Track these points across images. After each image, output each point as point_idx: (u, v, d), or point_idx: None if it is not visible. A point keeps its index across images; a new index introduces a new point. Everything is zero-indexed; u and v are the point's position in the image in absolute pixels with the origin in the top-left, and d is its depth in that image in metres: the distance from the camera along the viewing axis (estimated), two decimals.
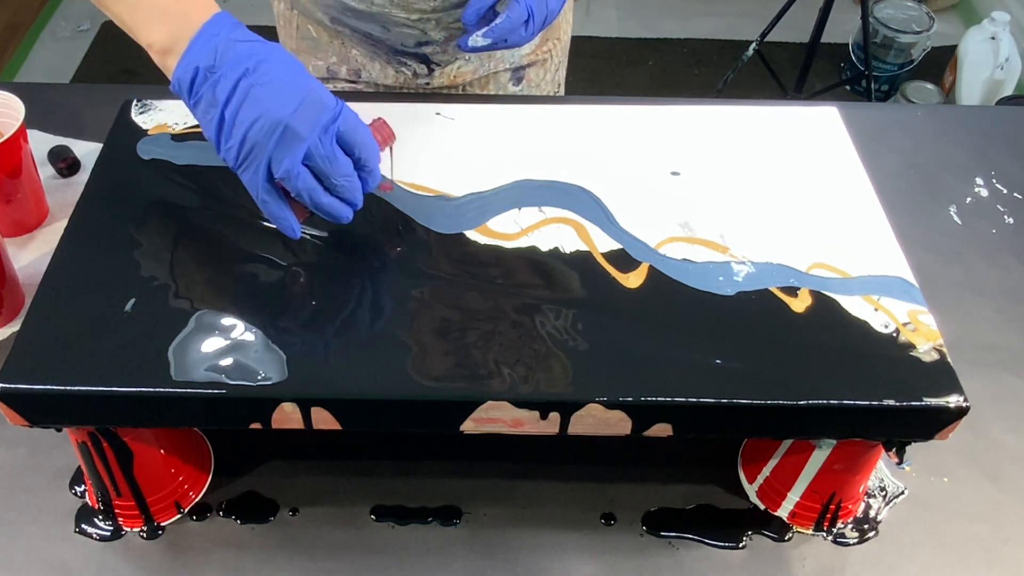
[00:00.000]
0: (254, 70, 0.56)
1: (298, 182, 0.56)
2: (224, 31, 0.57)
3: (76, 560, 0.64)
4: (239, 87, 0.55)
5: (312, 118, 0.56)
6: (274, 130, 0.55)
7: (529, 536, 0.66)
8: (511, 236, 0.64)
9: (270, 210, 0.59)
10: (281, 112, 0.55)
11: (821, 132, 0.74)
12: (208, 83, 0.56)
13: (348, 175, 0.58)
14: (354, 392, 0.55)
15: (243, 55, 0.56)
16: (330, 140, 0.57)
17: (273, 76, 0.56)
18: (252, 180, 0.57)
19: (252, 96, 0.55)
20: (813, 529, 0.67)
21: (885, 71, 2.38)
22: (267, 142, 0.55)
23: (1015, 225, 0.90)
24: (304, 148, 0.56)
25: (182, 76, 0.57)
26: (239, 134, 0.56)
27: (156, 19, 0.57)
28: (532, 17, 0.74)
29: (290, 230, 0.60)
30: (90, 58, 2.45)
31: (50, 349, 0.56)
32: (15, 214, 0.82)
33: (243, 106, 0.55)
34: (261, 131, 0.55)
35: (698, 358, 0.57)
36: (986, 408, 0.73)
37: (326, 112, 0.57)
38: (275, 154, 0.56)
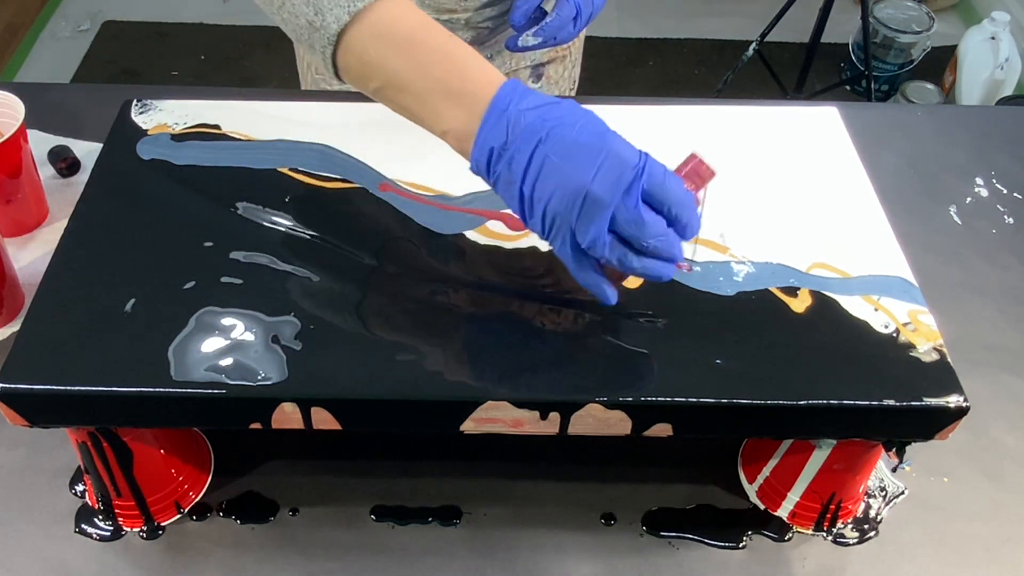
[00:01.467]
0: (547, 139, 0.52)
1: (605, 251, 0.53)
2: (513, 103, 0.53)
3: (76, 560, 0.64)
4: (533, 160, 0.52)
5: (613, 181, 0.51)
6: (575, 201, 0.52)
7: (529, 536, 0.66)
8: (511, 236, 0.64)
9: (581, 279, 0.56)
10: (580, 180, 0.51)
11: (821, 132, 0.74)
12: (503, 161, 0.53)
13: (660, 235, 0.53)
14: (354, 392, 0.55)
15: (535, 125, 0.53)
16: (635, 202, 0.52)
17: (567, 141, 0.52)
18: (561, 251, 0.54)
19: (547, 167, 0.52)
20: (813, 529, 0.67)
21: (885, 71, 2.38)
22: (569, 214, 0.52)
23: (1015, 225, 0.90)
24: (608, 215, 0.52)
25: (479, 159, 0.54)
26: (540, 209, 0.53)
27: (445, 106, 0.55)
28: (580, 14, 0.75)
29: (604, 297, 0.56)
30: (90, 58, 2.45)
31: (50, 349, 0.56)
32: (15, 214, 0.82)
33: (539, 179, 0.52)
34: (562, 203, 0.52)
35: (698, 358, 0.57)
36: (986, 408, 0.73)
37: (628, 171, 0.52)
38: (578, 225, 0.52)
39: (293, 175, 0.69)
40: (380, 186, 0.68)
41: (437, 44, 0.56)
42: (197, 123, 0.73)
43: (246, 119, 0.73)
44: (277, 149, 0.71)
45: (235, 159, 0.70)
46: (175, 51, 2.49)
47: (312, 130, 0.72)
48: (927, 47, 2.37)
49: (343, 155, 0.70)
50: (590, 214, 0.52)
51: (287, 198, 0.66)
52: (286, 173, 0.69)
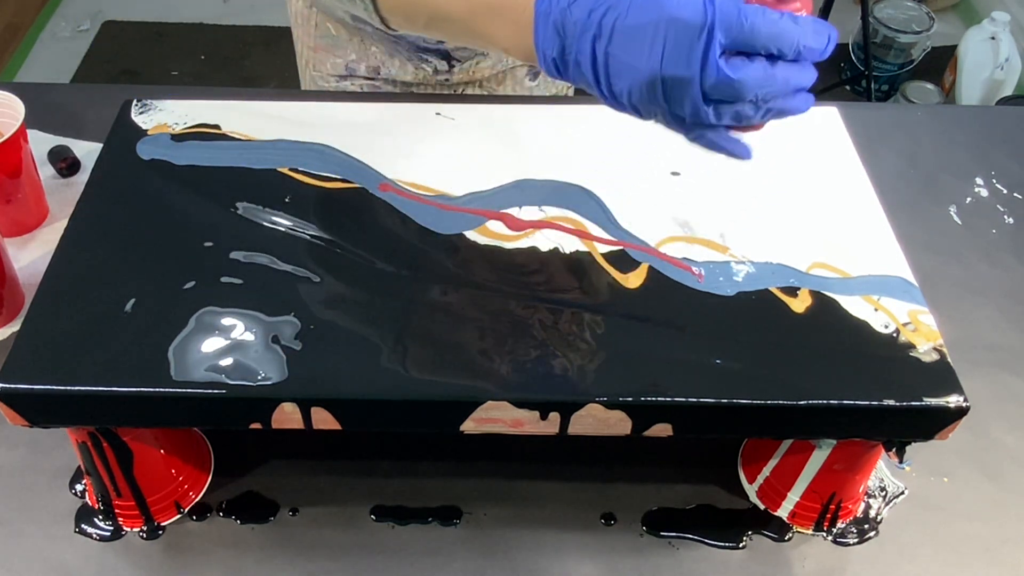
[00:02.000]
0: (601, 32, 0.49)
1: (712, 119, 0.49)
2: (555, 2, 0.51)
3: (76, 560, 0.64)
4: (597, 59, 0.50)
5: (685, 56, 0.47)
6: (654, 89, 0.49)
7: (529, 536, 0.66)
8: (511, 236, 0.64)
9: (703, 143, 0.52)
10: (650, 68, 0.48)
11: (821, 132, 0.74)
12: (570, 68, 0.52)
13: (763, 83, 0.48)
14: (354, 392, 0.55)
15: (583, 20, 0.50)
16: (715, 69, 0.47)
17: (622, 29, 0.49)
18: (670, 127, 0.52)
19: (613, 63, 0.50)
20: (813, 529, 0.67)
21: (885, 71, 2.38)
22: (655, 102, 0.49)
23: (1015, 225, 0.90)
24: (696, 90, 0.48)
25: (548, 70, 0.52)
26: (626, 101, 0.51)
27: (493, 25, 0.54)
28: None
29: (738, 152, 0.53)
30: (90, 58, 2.45)
31: (50, 349, 0.56)
32: (15, 214, 0.82)
33: (611, 76, 0.50)
34: (642, 95, 0.49)
35: (698, 358, 0.57)
36: (986, 408, 0.73)
37: (696, 38, 0.47)
38: (671, 107, 0.50)
39: (293, 175, 0.69)
40: (380, 186, 0.68)
41: None
42: (197, 123, 0.73)
43: (246, 119, 0.73)
44: (277, 149, 0.71)
45: (235, 159, 0.70)
46: (175, 51, 2.50)
47: (312, 130, 0.72)
48: (927, 47, 2.37)
49: (343, 155, 0.70)
50: (676, 96, 0.49)
51: (287, 198, 0.66)
52: (286, 173, 0.69)
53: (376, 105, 0.76)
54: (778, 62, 0.49)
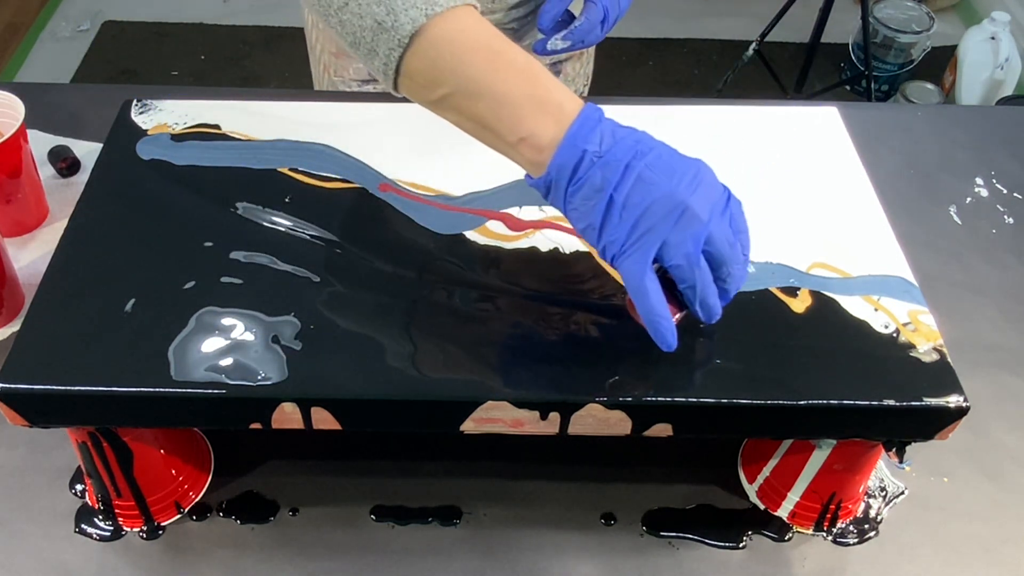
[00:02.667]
0: (644, 153, 0.52)
1: (695, 271, 0.52)
2: (603, 119, 0.54)
3: (76, 560, 0.64)
4: (630, 168, 0.52)
5: (712, 199, 0.52)
6: (673, 211, 0.51)
7: (529, 536, 0.66)
8: (511, 236, 0.64)
9: (649, 304, 0.52)
10: (681, 194, 0.51)
11: (821, 132, 0.74)
12: (595, 167, 0.52)
13: (740, 263, 0.54)
14: (354, 392, 0.55)
15: (629, 140, 0.53)
16: (727, 223, 0.53)
17: (664, 159, 0.52)
18: (636, 268, 0.52)
19: (646, 176, 0.52)
20: (813, 529, 0.67)
21: (885, 71, 2.38)
22: (663, 225, 0.51)
23: (1015, 225, 0.90)
24: (707, 231, 0.51)
25: (565, 162, 0.52)
26: (631, 215, 0.51)
27: (529, 113, 0.53)
28: (607, 16, 0.75)
29: (666, 333, 0.53)
30: (90, 58, 2.45)
31: (50, 349, 0.56)
32: (15, 214, 0.82)
33: (635, 187, 0.51)
34: (658, 214, 0.51)
35: (698, 358, 0.57)
36: (986, 408, 0.73)
37: (718, 193, 0.53)
38: (672, 238, 0.51)
39: (293, 175, 0.69)
40: (380, 186, 0.68)
41: (516, 55, 0.54)
42: (197, 123, 0.73)
43: (246, 119, 0.73)
44: (277, 149, 0.71)
45: (235, 159, 0.70)
46: (175, 51, 2.49)
47: (312, 130, 0.72)
48: (927, 47, 2.37)
49: (343, 155, 0.70)
50: (687, 227, 0.51)
51: (287, 198, 0.66)
52: (286, 173, 0.69)
53: (376, 105, 0.76)
54: None
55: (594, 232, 0.53)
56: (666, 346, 0.54)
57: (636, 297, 0.53)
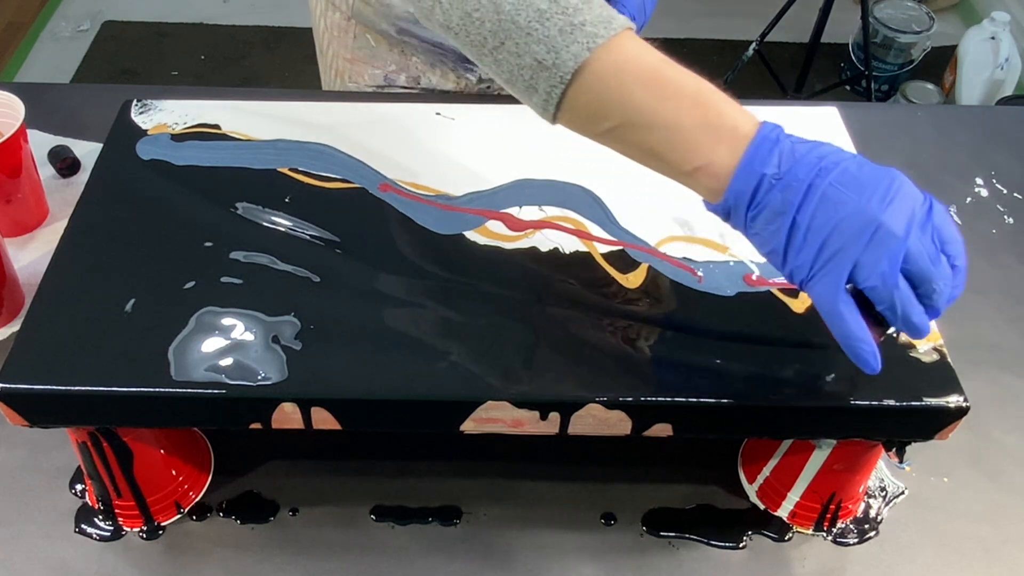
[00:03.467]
0: (828, 169, 0.49)
1: (895, 292, 0.48)
2: (782, 137, 0.51)
3: (76, 560, 0.64)
4: (813, 188, 0.48)
5: (908, 213, 0.48)
6: (864, 230, 0.47)
7: (529, 536, 0.66)
8: (511, 236, 0.64)
9: (846, 330, 0.49)
10: (871, 210, 0.47)
11: (821, 132, 0.74)
12: (775, 190, 0.49)
13: (947, 278, 0.49)
14: (354, 392, 0.55)
15: (810, 156, 0.49)
16: (929, 237, 0.48)
17: (852, 172, 0.49)
18: (827, 292, 0.49)
19: (831, 195, 0.48)
20: (813, 529, 0.67)
21: (885, 71, 2.38)
22: (854, 245, 0.47)
23: (1015, 225, 0.90)
24: (903, 249, 0.47)
25: (743, 188, 0.50)
26: (817, 239, 0.48)
27: (703, 141, 0.51)
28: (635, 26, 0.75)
29: (868, 357, 0.49)
30: (90, 58, 2.45)
31: (50, 349, 0.56)
32: (15, 214, 0.82)
33: (819, 207, 0.48)
34: (846, 233, 0.47)
35: (698, 358, 0.57)
36: (986, 408, 0.73)
37: (920, 204, 0.49)
38: (864, 258, 0.47)
39: (293, 175, 0.69)
40: (380, 186, 0.68)
41: (686, 80, 0.52)
42: (197, 123, 0.73)
43: (246, 119, 0.73)
44: (277, 149, 0.71)
45: (235, 159, 0.70)
46: (175, 51, 2.49)
47: (312, 130, 0.72)
48: (927, 47, 2.37)
49: (343, 155, 0.70)
50: (882, 246, 0.47)
51: (287, 198, 0.66)
52: (286, 173, 0.69)
53: (376, 105, 0.76)
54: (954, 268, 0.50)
55: (778, 257, 0.50)
56: (870, 370, 0.50)
57: (831, 323, 0.49)
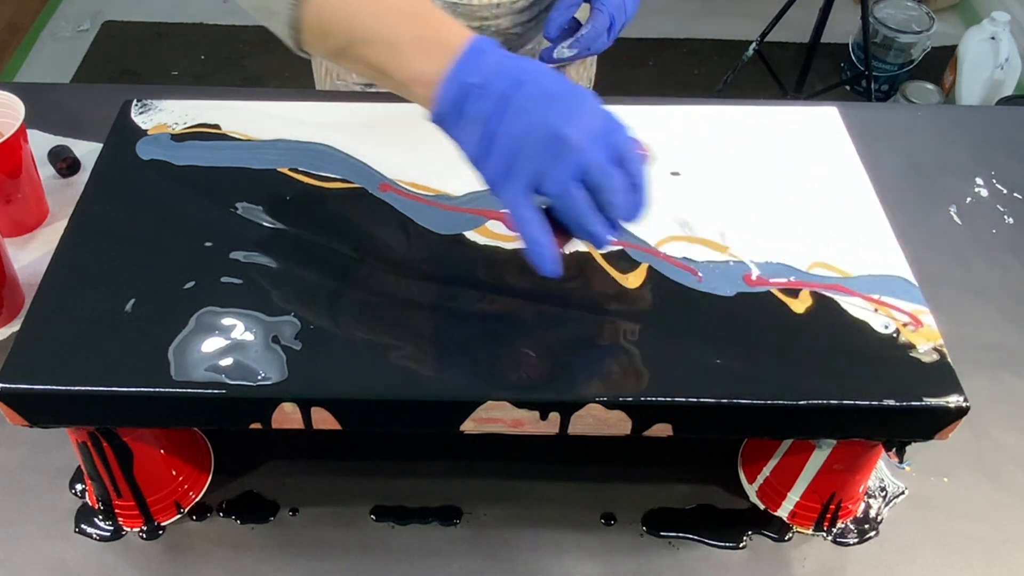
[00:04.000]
0: (526, 82, 0.52)
1: (568, 200, 0.51)
2: (489, 50, 0.53)
3: (76, 560, 0.64)
4: (511, 99, 0.52)
5: (590, 128, 0.51)
6: (549, 141, 0.51)
7: (529, 536, 0.66)
8: (511, 237, 0.64)
9: (530, 232, 0.52)
10: (557, 122, 0.51)
11: (821, 132, 0.74)
12: (474, 98, 0.52)
13: (624, 191, 0.53)
14: (354, 392, 0.55)
15: (511, 69, 0.53)
16: (607, 152, 0.52)
17: (547, 87, 0.52)
18: (511, 198, 0.52)
19: (525, 106, 0.51)
20: (813, 529, 0.67)
21: (885, 71, 2.38)
22: (538, 153, 0.51)
23: (1015, 225, 0.90)
24: (582, 160, 0.51)
25: (446, 94, 0.53)
26: (505, 145, 0.51)
27: (418, 52, 0.54)
28: (614, 24, 0.75)
29: (542, 260, 0.53)
30: (90, 58, 2.45)
31: (50, 349, 0.56)
32: (15, 214, 0.82)
33: (512, 117, 0.51)
34: (533, 142, 0.51)
35: (698, 358, 0.57)
36: (986, 408, 0.73)
37: (603, 122, 0.53)
38: (546, 168, 0.51)
39: (293, 175, 0.69)
40: (380, 186, 0.68)
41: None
42: (197, 123, 0.73)
43: (246, 119, 0.73)
44: (277, 149, 0.71)
45: (235, 159, 0.70)
46: (175, 51, 2.49)
47: (312, 130, 0.72)
48: (927, 47, 2.37)
49: (343, 155, 0.70)
50: (563, 156, 0.51)
51: (287, 198, 0.66)
52: (286, 173, 0.69)
53: (376, 105, 0.76)
54: None
55: (475, 164, 0.54)
56: (545, 272, 0.53)
57: (516, 227, 0.53)
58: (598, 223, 0.53)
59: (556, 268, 0.53)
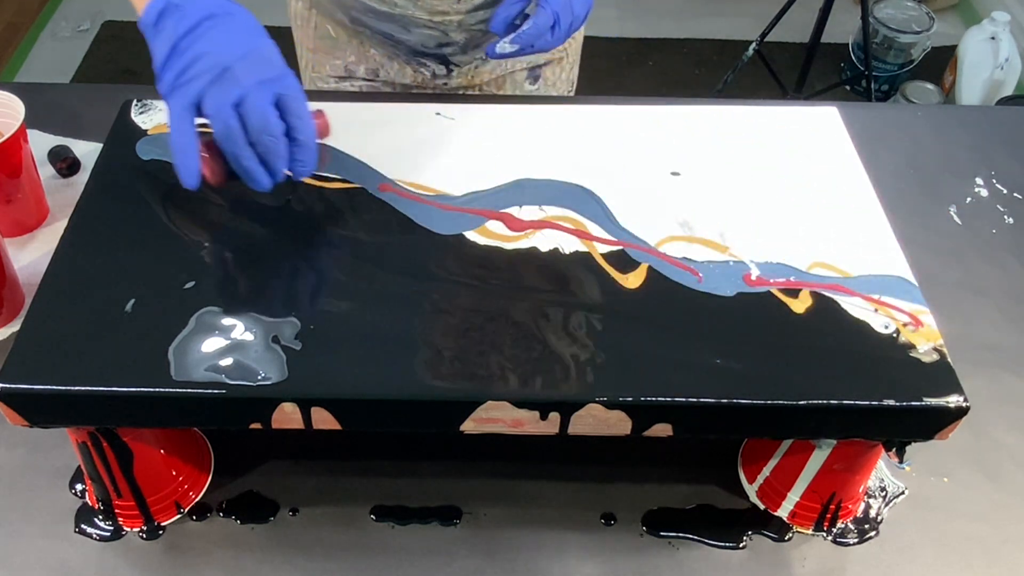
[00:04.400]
0: (217, 16, 0.59)
1: (222, 126, 0.58)
2: None
3: (76, 560, 0.64)
4: (200, 26, 0.59)
5: (255, 70, 0.58)
6: (217, 68, 0.58)
7: (529, 536, 0.66)
8: (511, 237, 0.64)
9: (178, 141, 0.59)
10: (228, 55, 0.58)
11: (821, 132, 0.74)
12: (173, 17, 0.59)
13: (274, 136, 0.59)
14: (354, 392, 0.55)
15: (212, 3, 0.60)
16: (265, 95, 0.58)
17: (233, 25, 0.60)
18: (173, 107, 0.59)
19: (207, 35, 0.59)
20: (813, 529, 0.67)
21: (885, 71, 2.38)
22: (204, 76, 0.58)
23: (1015, 225, 0.90)
24: (238, 93, 0.58)
25: (153, 6, 0.59)
26: (182, 63, 0.58)
27: None
28: (558, 23, 0.74)
29: (187, 172, 0.59)
30: (90, 58, 2.45)
31: (50, 349, 0.56)
32: (15, 214, 0.82)
33: (197, 39, 0.58)
34: (204, 65, 0.58)
35: (698, 358, 0.57)
36: (986, 408, 0.73)
37: (271, 70, 0.59)
38: (208, 90, 0.58)
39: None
40: (380, 186, 0.68)
41: None
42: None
43: None
44: None
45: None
46: None
47: None
48: (927, 47, 2.37)
49: (343, 155, 0.70)
50: (223, 85, 0.58)
51: (287, 198, 0.66)
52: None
53: (376, 105, 0.76)
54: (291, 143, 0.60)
55: (157, 72, 0.60)
56: (183, 183, 0.59)
57: (170, 136, 0.59)
58: (251, 159, 0.59)
59: (192, 182, 0.59)
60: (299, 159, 0.60)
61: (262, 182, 0.60)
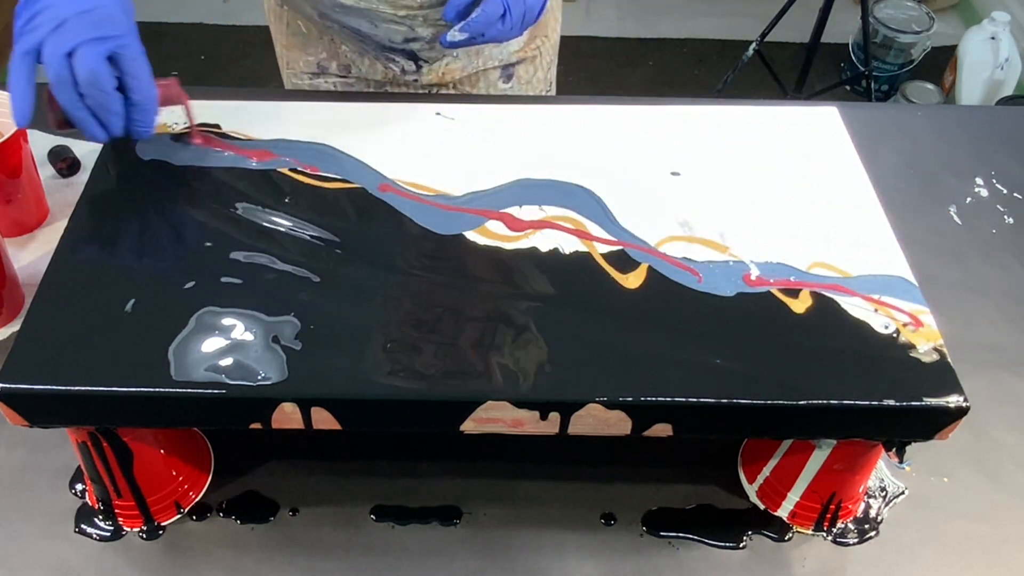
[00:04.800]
0: None
1: (53, 70, 0.61)
2: None
3: (76, 560, 0.64)
4: None
5: (92, 26, 0.61)
6: (54, 20, 0.61)
7: (529, 536, 0.66)
8: (511, 237, 0.64)
9: (13, 81, 0.63)
10: (68, 9, 0.62)
11: (821, 132, 0.74)
12: None
13: (104, 91, 0.62)
14: (354, 392, 0.55)
15: None
16: (98, 53, 0.61)
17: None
18: (17, 51, 0.63)
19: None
20: (813, 529, 0.67)
21: (885, 71, 2.38)
22: (45, 27, 0.62)
23: (1015, 225, 0.90)
24: (70, 46, 0.61)
25: None
26: (30, 13, 0.63)
27: None
28: (508, 12, 0.74)
29: (18, 111, 0.62)
30: None
31: (50, 349, 0.56)
32: (15, 214, 0.82)
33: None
34: (44, 17, 0.62)
35: (698, 358, 0.57)
36: (986, 408, 0.73)
37: (111, 28, 0.62)
38: (47, 40, 0.61)
39: (293, 175, 0.69)
40: (380, 186, 0.68)
41: None
42: (197, 123, 0.73)
43: (246, 119, 0.73)
44: (277, 149, 0.71)
45: (235, 159, 0.70)
46: (175, 51, 2.49)
47: (312, 130, 0.72)
48: (927, 47, 2.37)
49: (343, 155, 0.70)
50: (59, 37, 0.61)
51: (287, 198, 0.66)
52: (286, 173, 0.69)
53: (376, 105, 0.76)
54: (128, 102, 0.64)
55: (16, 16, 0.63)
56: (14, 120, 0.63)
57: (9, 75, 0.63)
58: (81, 109, 0.62)
59: (22, 121, 0.63)
60: (135, 118, 0.64)
61: (95, 133, 0.63)
